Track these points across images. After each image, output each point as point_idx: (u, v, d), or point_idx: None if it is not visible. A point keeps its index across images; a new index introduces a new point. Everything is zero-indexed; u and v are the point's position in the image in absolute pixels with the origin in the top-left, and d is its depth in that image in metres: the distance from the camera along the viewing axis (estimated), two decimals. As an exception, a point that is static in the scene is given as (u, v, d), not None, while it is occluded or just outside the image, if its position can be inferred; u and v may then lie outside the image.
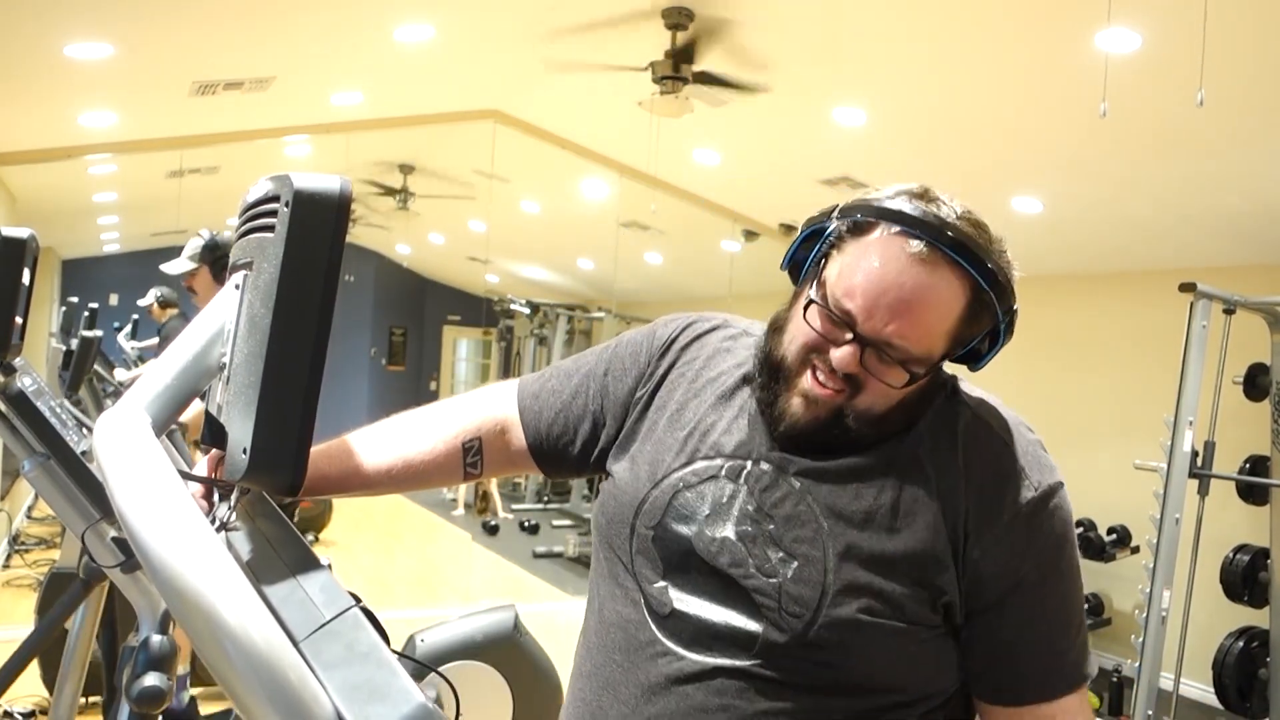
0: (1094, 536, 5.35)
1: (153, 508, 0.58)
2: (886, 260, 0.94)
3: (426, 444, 1.18)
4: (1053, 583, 1.01)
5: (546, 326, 9.66)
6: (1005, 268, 0.98)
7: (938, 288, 0.95)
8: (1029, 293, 1.00)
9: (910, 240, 0.94)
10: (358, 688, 0.55)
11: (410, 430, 1.19)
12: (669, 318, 1.22)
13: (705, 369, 1.13)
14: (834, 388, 0.98)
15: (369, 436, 1.18)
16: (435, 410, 1.23)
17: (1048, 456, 1.07)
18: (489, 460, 1.20)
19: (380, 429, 1.19)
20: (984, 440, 1.04)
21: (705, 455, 1.06)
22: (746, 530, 1.00)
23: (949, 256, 0.94)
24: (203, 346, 0.74)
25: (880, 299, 0.94)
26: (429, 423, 1.21)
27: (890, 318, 0.94)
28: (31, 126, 5.30)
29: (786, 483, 1.01)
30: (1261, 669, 4.22)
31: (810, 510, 0.99)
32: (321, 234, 0.63)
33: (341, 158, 6.61)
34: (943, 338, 0.98)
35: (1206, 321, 3.82)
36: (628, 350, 1.19)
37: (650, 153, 5.52)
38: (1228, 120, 3.65)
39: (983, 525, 0.98)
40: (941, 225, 0.94)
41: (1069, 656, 1.01)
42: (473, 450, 1.19)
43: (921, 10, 3.69)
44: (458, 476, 1.20)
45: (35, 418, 1.62)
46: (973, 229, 0.96)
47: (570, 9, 4.25)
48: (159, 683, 1.24)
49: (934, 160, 5.05)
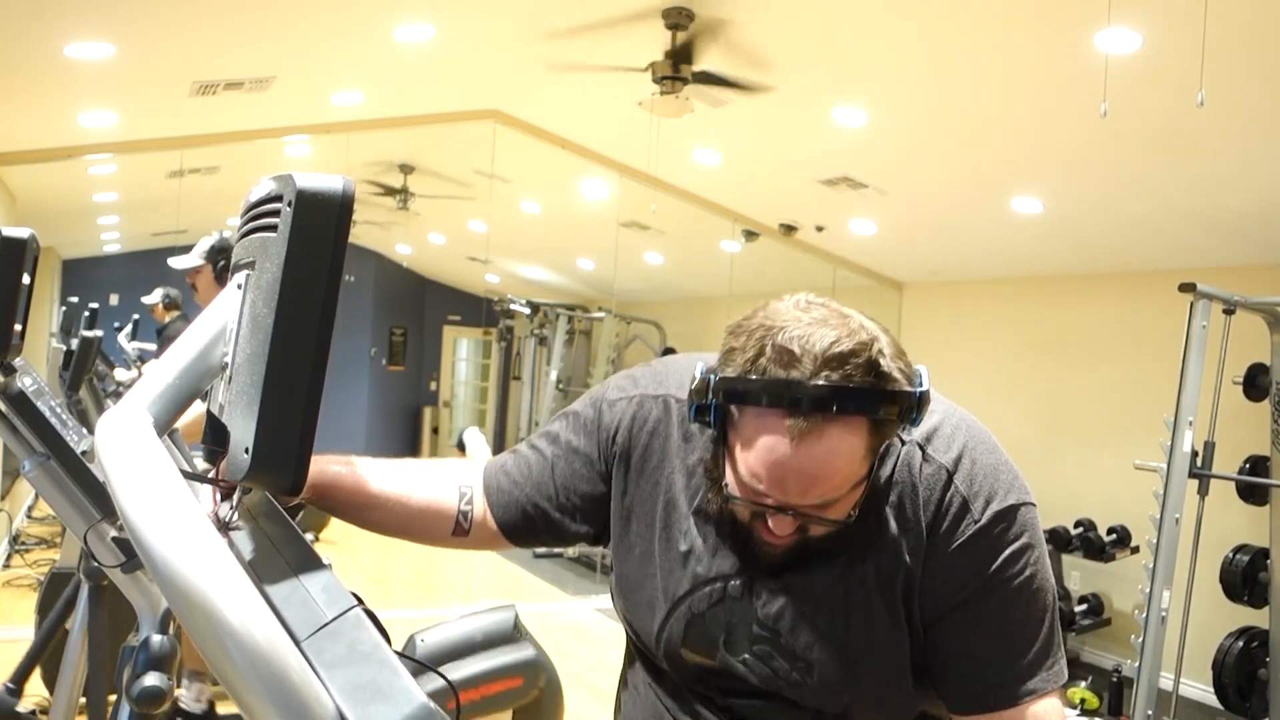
0: (1094, 536, 5.36)
1: (155, 507, 0.58)
2: (774, 443, 0.94)
3: (426, 482, 1.21)
4: (1001, 594, 1.04)
5: (547, 326, 9.66)
6: (886, 376, 0.93)
7: (833, 449, 0.94)
8: (1029, 293, 1.01)
9: (786, 419, 0.93)
10: (360, 688, 0.55)
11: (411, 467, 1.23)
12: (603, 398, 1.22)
13: (675, 475, 1.15)
14: (787, 533, 1.02)
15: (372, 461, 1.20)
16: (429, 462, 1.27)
17: (1010, 478, 1.09)
18: (477, 519, 1.22)
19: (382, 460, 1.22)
20: (942, 486, 1.06)
21: (706, 580, 1.11)
22: (764, 650, 1.09)
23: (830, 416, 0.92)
24: (205, 346, 0.74)
25: (785, 481, 0.95)
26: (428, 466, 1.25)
27: (802, 492, 0.96)
28: (32, 126, 5.30)
29: (782, 594, 1.08)
30: (1261, 669, 4.22)
31: (806, 612, 1.07)
32: (324, 234, 0.63)
33: (341, 158, 6.61)
34: (862, 463, 0.97)
35: (1206, 321, 3.82)
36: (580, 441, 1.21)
37: (650, 153, 5.52)
38: (1228, 120, 3.65)
39: (932, 556, 1.04)
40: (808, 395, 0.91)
41: (1023, 662, 1.04)
42: (466, 498, 1.21)
43: (922, 10, 3.69)
44: (446, 528, 1.21)
45: (35, 418, 1.62)
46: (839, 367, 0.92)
47: (570, 9, 4.25)
48: (159, 682, 1.24)
49: (934, 160, 5.06)
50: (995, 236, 5.60)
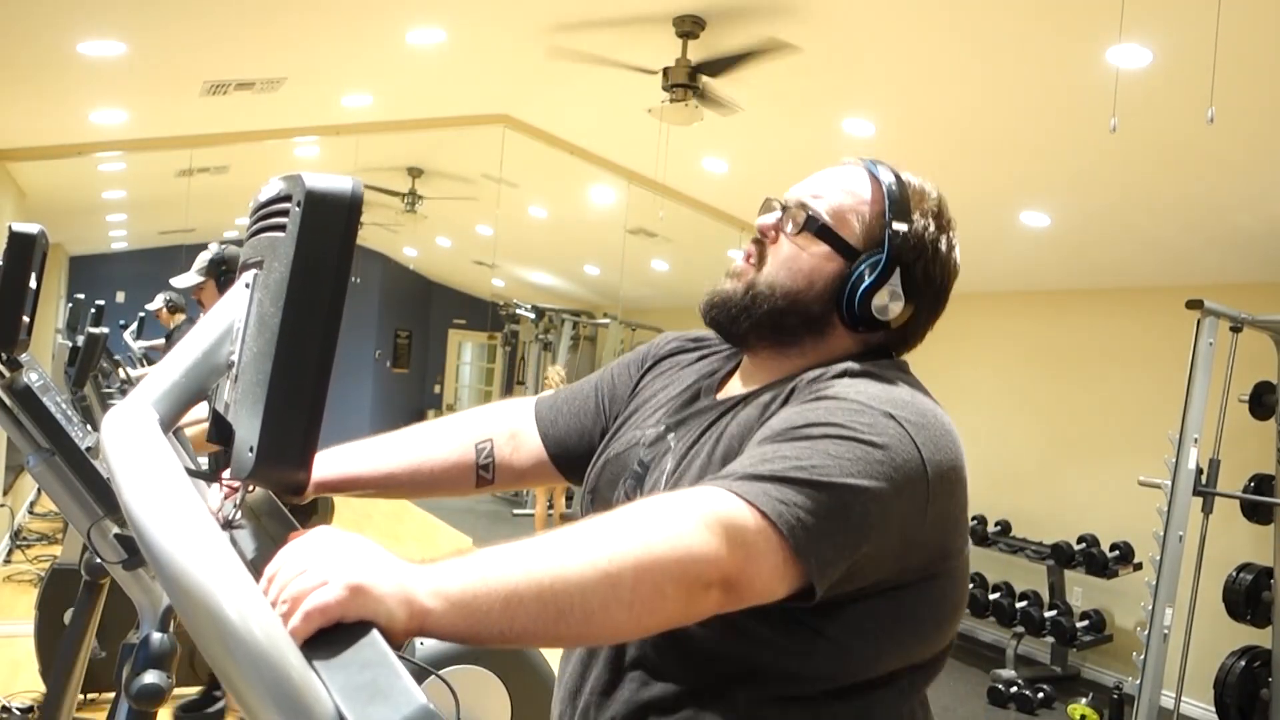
0: (1097, 552, 5.34)
1: (159, 504, 0.58)
2: None
3: (440, 446, 1.22)
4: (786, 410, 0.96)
5: (551, 332, 9.67)
6: (907, 198, 1.09)
7: (850, 172, 1.11)
8: (1035, 307, 1.01)
9: None
10: (360, 688, 0.55)
11: (424, 434, 1.24)
12: (666, 334, 1.30)
13: (680, 367, 1.22)
14: (749, 252, 1.10)
15: (383, 439, 1.22)
16: (449, 419, 1.28)
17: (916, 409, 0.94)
18: (502, 465, 1.23)
19: (394, 434, 1.23)
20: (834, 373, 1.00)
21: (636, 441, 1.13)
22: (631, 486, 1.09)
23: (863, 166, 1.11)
24: (211, 344, 0.74)
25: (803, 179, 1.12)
26: (442, 428, 1.25)
27: (807, 186, 1.10)
28: (43, 123, 5.32)
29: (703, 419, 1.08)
30: (1263, 689, 4.20)
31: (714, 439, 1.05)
32: (332, 234, 0.64)
33: (350, 159, 6.63)
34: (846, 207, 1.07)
35: (1213, 339, 3.81)
36: (628, 358, 1.28)
37: (659, 160, 5.52)
38: (1238, 137, 3.64)
39: None
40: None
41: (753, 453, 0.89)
42: (485, 452, 1.22)
43: (932, 23, 3.69)
44: (470, 481, 1.22)
45: (41, 413, 1.62)
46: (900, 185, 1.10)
47: (581, 15, 4.27)
48: (158, 680, 1.24)
49: (943, 173, 5.02)
50: (1002, 250, 5.59)
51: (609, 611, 0.72)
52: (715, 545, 0.77)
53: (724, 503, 0.81)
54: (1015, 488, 5.95)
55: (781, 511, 0.81)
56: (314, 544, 0.64)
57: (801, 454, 0.85)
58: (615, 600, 0.72)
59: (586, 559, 0.72)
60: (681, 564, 0.75)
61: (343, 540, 0.65)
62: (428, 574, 0.66)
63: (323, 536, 0.65)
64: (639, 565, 0.73)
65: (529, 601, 0.69)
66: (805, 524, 0.81)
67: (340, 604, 0.60)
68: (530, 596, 0.69)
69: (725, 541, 0.77)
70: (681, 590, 0.76)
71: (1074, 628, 5.30)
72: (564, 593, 0.70)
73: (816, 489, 0.83)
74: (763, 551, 0.80)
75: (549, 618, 0.70)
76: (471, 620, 0.66)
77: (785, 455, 0.85)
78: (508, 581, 0.68)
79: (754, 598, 0.81)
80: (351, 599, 0.60)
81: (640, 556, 0.74)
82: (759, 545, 0.80)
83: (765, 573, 0.80)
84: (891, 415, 0.90)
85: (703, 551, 0.76)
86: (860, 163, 1.12)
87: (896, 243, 1.05)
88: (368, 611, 0.61)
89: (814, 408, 0.92)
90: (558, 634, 0.72)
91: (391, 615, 0.62)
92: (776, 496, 0.82)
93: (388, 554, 0.66)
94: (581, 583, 0.71)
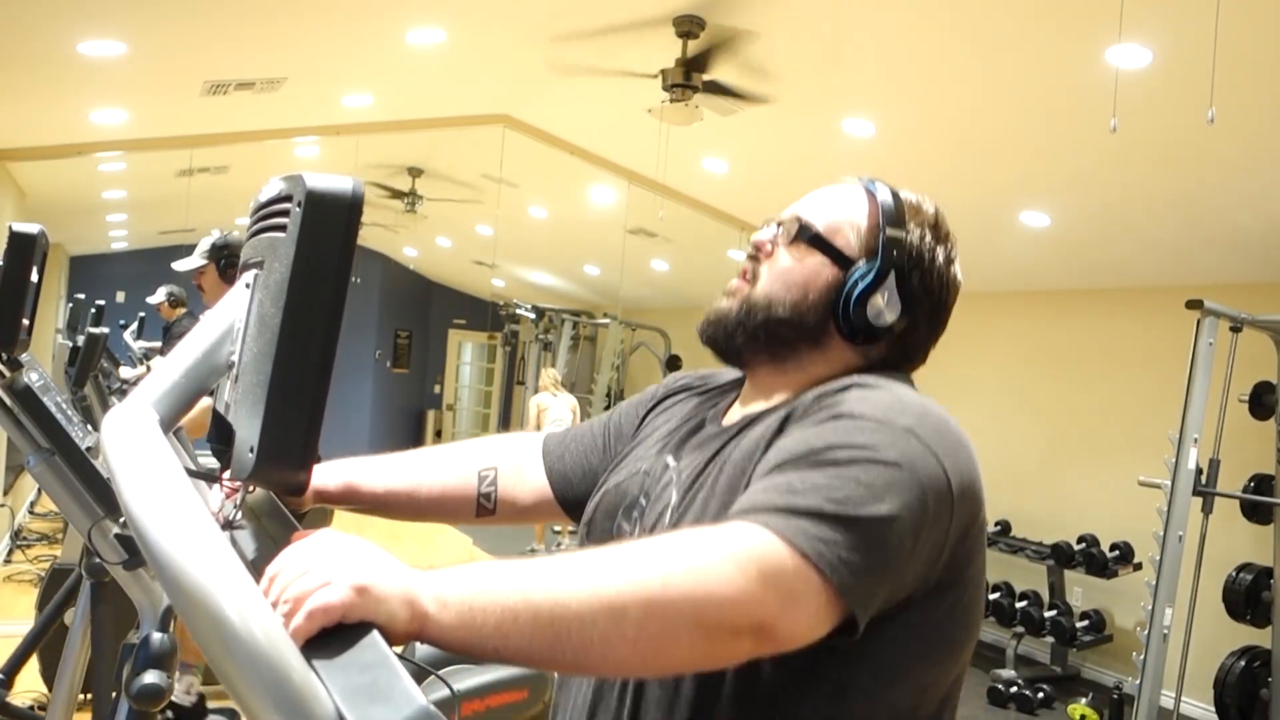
0: (1096, 552, 5.34)
1: (159, 504, 0.58)
2: None
3: (443, 470, 1.21)
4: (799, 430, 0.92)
5: (551, 332, 9.67)
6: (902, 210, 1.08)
7: (846, 189, 1.12)
8: (1035, 307, 1.01)
9: None
10: (360, 688, 0.55)
11: (428, 457, 1.23)
12: (676, 374, 1.30)
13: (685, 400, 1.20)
14: (744, 270, 1.10)
15: (387, 456, 1.21)
16: (456, 445, 1.27)
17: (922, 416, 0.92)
18: (504, 497, 1.22)
19: (399, 453, 1.23)
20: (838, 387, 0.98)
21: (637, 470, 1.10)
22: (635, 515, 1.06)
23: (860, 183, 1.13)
24: (212, 345, 0.74)
25: (800, 198, 1.13)
26: (447, 453, 1.25)
27: (802, 202, 1.12)
28: (43, 123, 5.32)
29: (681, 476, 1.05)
30: (1263, 689, 4.20)
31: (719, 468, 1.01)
32: (333, 234, 0.64)
33: (350, 160, 6.63)
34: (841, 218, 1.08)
35: (1213, 339, 3.81)
36: (637, 398, 1.28)
37: (659, 160, 5.52)
38: (1238, 137, 3.64)
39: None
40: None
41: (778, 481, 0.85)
42: (488, 480, 1.21)
43: (932, 23, 3.69)
44: (469, 510, 1.21)
45: (41, 413, 1.63)
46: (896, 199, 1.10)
47: (581, 15, 4.27)
48: (158, 680, 1.24)
49: (942, 173, 5.05)
50: (1002, 250, 5.59)
51: (610, 645, 0.70)
52: (750, 589, 0.73)
53: (758, 541, 0.77)
54: (1015, 488, 5.95)
55: (822, 552, 0.77)
56: (316, 545, 0.64)
57: (832, 484, 0.82)
58: (618, 635, 0.69)
59: (593, 586, 0.70)
60: (701, 607, 0.72)
61: (344, 542, 0.65)
62: (430, 578, 0.66)
63: (324, 538, 0.65)
64: (650, 601, 0.70)
65: (524, 622, 0.67)
66: (847, 562, 0.78)
67: (344, 604, 0.60)
68: (526, 617, 0.67)
69: (762, 585, 0.74)
70: (700, 634, 0.72)
71: (1074, 628, 5.30)
72: (561, 619, 0.68)
73: (854, 524, 0.79)
74: (804, 594, 0.76)
75: (544, 641, 0.68)
76: (468, 631, 0.65)
77: (816, 485, 0.81)
78: (505, 598, 0.67)
79: (792, 643, 0.77)
80: (355, 599, 0.61)
81: (655, 593, 0.71)
82: (798, 589, 0.76)
83: (806, 617, 0.77)
84: (912, 431, 0.88)
85: (732, 595, 0.73)
86: (858, 181, 1.14)
87: (891, 250, 1.05)
88: (370, 612, 0.61)
89: (833, 428, 0.89)
90: (554, 660, 0.70)
91: (393, 616, 0.62)
92: (815, 535, 0.78)
93: (389, 556, 0.66)
94: (581, 611, 0.69)
